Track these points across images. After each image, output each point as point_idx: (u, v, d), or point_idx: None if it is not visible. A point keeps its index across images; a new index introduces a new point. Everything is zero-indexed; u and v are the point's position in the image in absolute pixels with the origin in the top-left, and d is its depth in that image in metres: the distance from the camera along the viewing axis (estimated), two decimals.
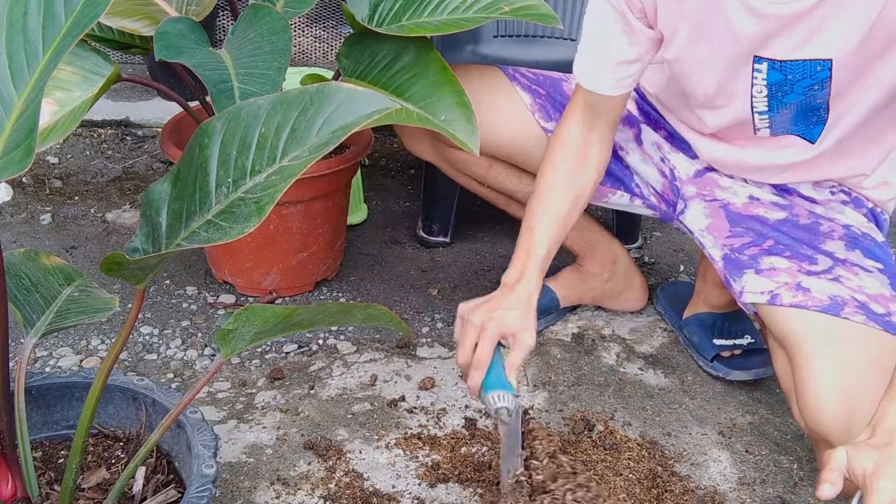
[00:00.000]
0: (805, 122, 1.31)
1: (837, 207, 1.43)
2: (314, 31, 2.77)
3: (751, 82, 1.28)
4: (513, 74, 1.60)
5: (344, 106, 0.85)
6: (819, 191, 1.44)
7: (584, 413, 1.54)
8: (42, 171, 2.31)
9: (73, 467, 1.06)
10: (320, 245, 1.81)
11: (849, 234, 1.38)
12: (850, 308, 1.25)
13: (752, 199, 1.48)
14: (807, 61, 1.22)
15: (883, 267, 1.33)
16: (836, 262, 1.34)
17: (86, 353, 1.65)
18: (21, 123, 0.81)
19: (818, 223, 1.41)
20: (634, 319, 1.82)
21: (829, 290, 1.28)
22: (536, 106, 1.58)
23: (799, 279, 1.31)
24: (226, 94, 1.39)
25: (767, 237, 1.41)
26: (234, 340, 1.01)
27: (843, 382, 1.20)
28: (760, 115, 1.32)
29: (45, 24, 0.84)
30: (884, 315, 1.24)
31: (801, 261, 1.35)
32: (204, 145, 0.90)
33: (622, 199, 1.63)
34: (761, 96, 1.29)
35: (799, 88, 1.25)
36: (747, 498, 1.38)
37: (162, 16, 1.57)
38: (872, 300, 1.27)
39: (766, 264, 1.36)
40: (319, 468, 1.39)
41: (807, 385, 1.22)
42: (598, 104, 1.41)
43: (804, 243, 1.38)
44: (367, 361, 1.66)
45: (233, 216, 0.86)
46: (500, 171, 1.66)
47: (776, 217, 1.44)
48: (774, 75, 1.25)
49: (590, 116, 1.42)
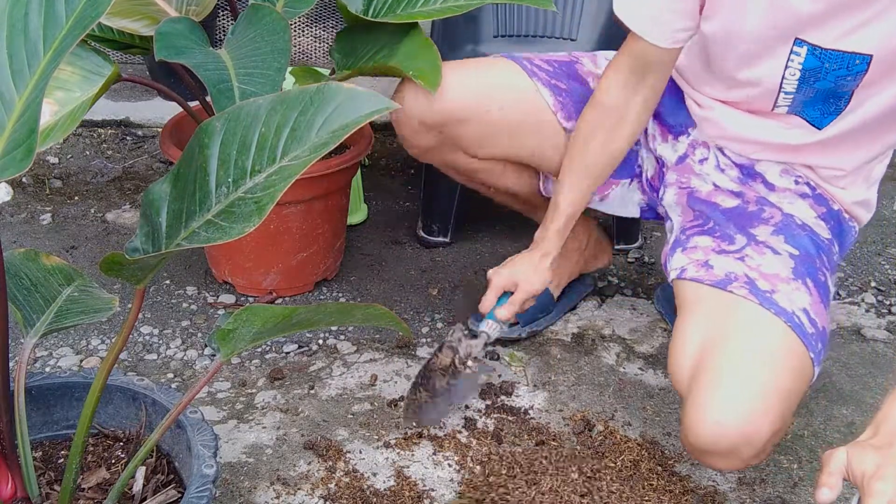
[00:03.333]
0: (823, 107, 1.31)
1: (790, 198, 1.44)
2: (314, 31, 2.77)
3: (786, 63, 1.28)
4: (530, 69, 1.56)
5: (344, 105, 0.85)
6: (784, 178, 1.45)
7: (584, 413, 1.54)
8: (42, 171, 2.31)
9: (73, 467, 1.06)
10: (320, 245, 1.81)
11: (784, 222, 1.41)
12: (738, 283, 1.31)
13: (715, 187, 1.50)
14: (847, 53, 1.22)
15: (798, 254, 1.36)
16: (749, 243, 1.38)
17: (86, 353, 1.65)
18: (22, 123, 0.81)
19: (762, 209, 1.44)
20: (634, 319, 1.82)
21: (728, 267, 1.34)
22: (559, 105, 1.55)
23: (709, 257, 1.38)
24: (226, 94, 1.39)
25: (711, 219, 1.46)
26: (234, 340, 1.01)
27: (701, 340, 1.27)
28: (786, 94, 1.32)
29: (46, 24, 0.84)
30: (766, 292, 1.29)
31: (722, 240, 1.40)
32: (204, 145, 0.90)
33: (622, 189, 1.63)
34: (793, 79, 1.29)
35: (832, 77, 1.26)
36: (747, 498, 1.38)
37: (162, 16, 1.57)
38: (763, 277, 1.31)
39: (692, 243, 1.43)
40: (319, 468, 1.39)
41: (674, 338, 1.32)
42: (652, 58, 1.38)
43: (734, 224, 1.42)
44: (367, 361, 1.66)
45: (233, 216, 0.86)
46: (510, 176, 1.66)
47: (728, 205, 1.47)
48: (812, 61, 1.26)
49: (637, 76, 1.41)
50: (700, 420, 1.20)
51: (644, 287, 1.94)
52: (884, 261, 2.09)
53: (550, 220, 1.51)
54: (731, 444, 1.19)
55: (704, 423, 1.20)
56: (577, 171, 1.49)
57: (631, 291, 1.92)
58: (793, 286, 1.30)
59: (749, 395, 1.20)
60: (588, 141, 1.48)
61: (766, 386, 1.21)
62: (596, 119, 1.46)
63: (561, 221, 1.50)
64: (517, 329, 1.70)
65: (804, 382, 1.27)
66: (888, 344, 1.78)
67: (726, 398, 1.20)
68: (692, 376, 1.25)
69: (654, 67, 1.40)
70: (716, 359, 1.23)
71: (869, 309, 1.89)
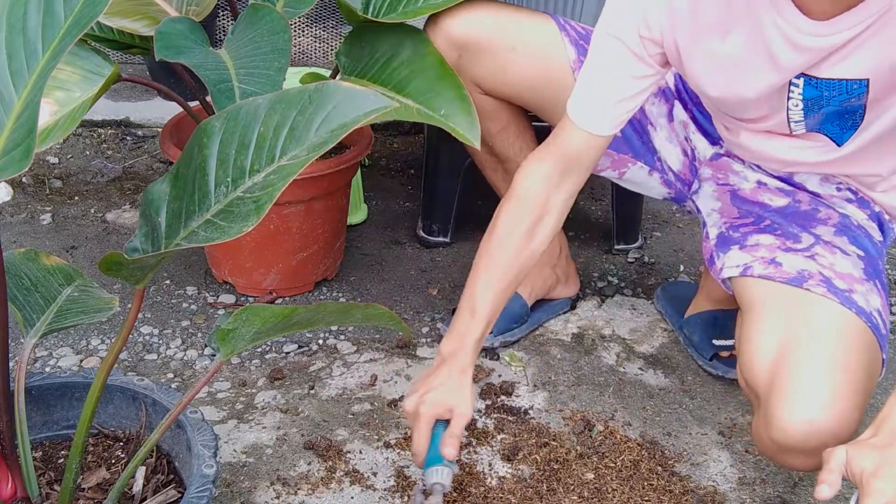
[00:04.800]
0: (840, 123, 1.31)
1: (840, 203, 1.43)
2: (314, 31, 2.77)
3: (787, 96, 1.28)
4: (563, 25, 1.56)
5: (343, 104, 0.85)
6: (825, 186, 1.45)
7: (584, 413, 1.54)
8: (42, 171, 2.31)
9: (73, 467, 1.06)
10: (320, 245, 1.81)
11: (842, 223, 1.40)
12: (814, 281, 1.28)
13: (759, 184, 1.48)
14: (843, 80, 1.22)
15: (864, 255, 1.35)
16: (817, 242, 1.36)
17: (86, 353, 1.65)
18: (20, 123, 0.81)
19: (817, 209, 1.43)
20: (634, 319, 1.82)
21: (799, 265, 1.31)
22: (579, 63, 1.52)
23: (775, 255, 1.35)
24: (226, 94, 1.39)
25: (765, 218, 1.43)
26: (234, 340, 1.01)
27: (781, 338, 1.24)
28: (796, 123, 1.32)
29: (45, 24, 0.84)
30: (845, 291, 1.27)
31: (786, 238, 1.38)
32: (203, 145, 0.90)
33: (641, 171, 1.60)
34: (797, 109, 1.29)
35: (835, 102, 1.25)
36: (747, 498, 1.38)
37: (162, 16, 1.57)
38: (838, 276, 1.29)
39: (752, 241, 1.39)
40: (319, 468, 1.39)
41: (748, 335, 1.27)
42: (588, 146, 1.35)
43: (795, 223, 1.40)
44: (367, 361, 1.66)
45: (231, 215, 0.86)
46: (510, 135, 1.64)
47: (779, 203, 1.45)
48: (810, 91, 1.25)
49: (565, 166, 1.36)
50: (789, 418, 1.18)
51: (644, 287, 1.94)
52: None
53: (465, 330, 1.32)
54: (821, 441, 1.17)
55: (794, 421, 1.17)
56: (494, 273, 1.35)
57: (631, 291, 1.92)
58: (867, 287, 1.29)
59: (838, 394, 1.18)
60: (504, 240, 1.36)
61: (851, 384, 1.19)
62: (515, 216, 1.36)
63: (479, 330, 1.32)
64: (489, 339, 1.64)
65: (875, 382, 1.26)
66: (888, 344, 1.78)
67: (817, 397, 1.17)
68: (774, 373, 1.22)
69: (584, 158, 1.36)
70: (802, 357, 1.21)
71: None
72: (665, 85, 1.58)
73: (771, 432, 1.20)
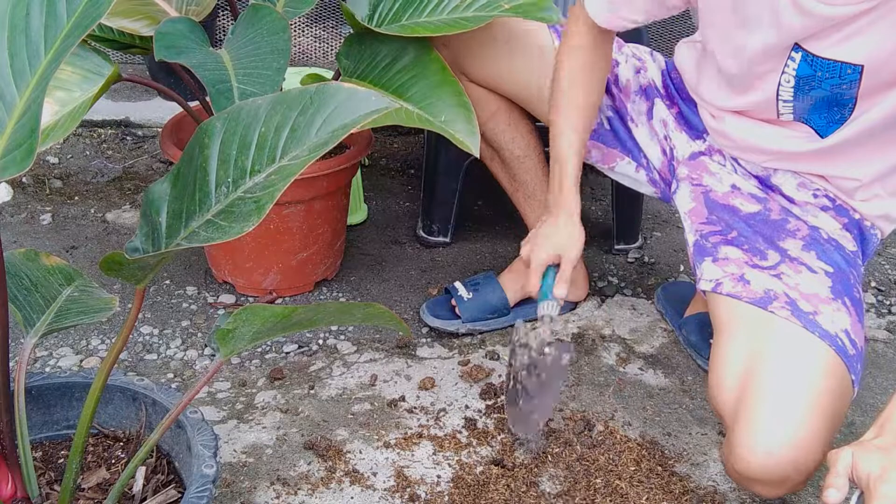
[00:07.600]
0: (828, 116, 1.31)
1: (813, 211, 1.43)
2: (314, 31, 2.77)
3: (781, 70, 1.29)
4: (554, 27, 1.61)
5: (343, 105, 0.85)
6: (802, 192, 1.44)
7: (584, 413, 1.54)
8: (42, 171, 2.31)
9: (73, 467, 1.06)
10: (320, 245, 1.81)
11: (812, 236, 1.40)
12: (779, 303, 1.29)
13: (733, 188, 1.49)
14: (838, 62, 1.23)
15: (833, 271, 1.35)
16: (783, 259, 1.36)
17: (86, 353, 1.65)
18: (23, 124, 0.81)
19: (787, 220, 1.43)
20: (634, 319, 1.82)
21: (766, 284, 1.32)
22: None
23: (744, 271, 1.36)
24: (225, 95, 1.39)
25: (733, 228, 1.44)
26: (234, 340, 1.01)
27: (744, 365, 1.25)
28: (785, 102, 1.33)
29: (48, 25, 0.84)
30: (809, 313, 1.27)
31: (753, 254, 1.38)
32: (204, 145, 0.90)
33: (629, 167, 1.63)
34: (788, 86, 1.30)
35: (826, 85, 1.26)
36: (747, 498, 1.38)
37: (162, 16, 1.57)
38: (804, 297, 1.29)
39: (723, 254, 1.40)
40: (319, 468, 1.40)
41: (715, 361, 1.30)
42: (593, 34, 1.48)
43: (762, 237, 1.41)
44: (367, 361, 1.66)
45: (232, 215, 0.86)
46: (500, 123, 1.67)
47: (749, 210, 1.46)
48: (804, 68, 1.26)
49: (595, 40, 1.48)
50: (749, 450, 1.18)
51: (644, 287, 1.94)
52: (884, 261, 2.09)
53: (559, 176, 1.47)
54: (782, 473, 1.18)
55: (754, 453, 1.18)
56: (570, 112, 1.48)
57: (631, 291, 1.92)
58: (833, 307, 1.28)
59: (799, 425, 1.18)
60: (573, 83, 1.48)
61: (814, 413, 1.19)
62: (575, 61, 1.49)
63: (572, 172, 1.46)
64: (456, 322, 1.71)
65: (846, 405, 1.26)
66: (888, 344, 1.78)
67: (776, 428, 1.18)
68: (738, 402, 1.23)
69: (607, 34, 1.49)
70: (762, 386, 1.21)
71: (869, 309, 1.89)
72: (648, 82, 1.60)
73: (733, 462, 1.22)
